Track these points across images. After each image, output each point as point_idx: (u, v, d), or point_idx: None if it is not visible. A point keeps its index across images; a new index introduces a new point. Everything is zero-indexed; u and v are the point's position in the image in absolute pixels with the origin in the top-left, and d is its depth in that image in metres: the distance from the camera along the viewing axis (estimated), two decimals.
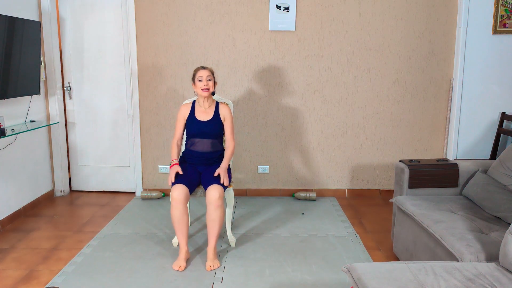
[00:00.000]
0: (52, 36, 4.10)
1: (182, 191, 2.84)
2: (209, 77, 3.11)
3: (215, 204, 2.81)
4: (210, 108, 3.18)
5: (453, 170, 2.90)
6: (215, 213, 2.83)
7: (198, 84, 3.11)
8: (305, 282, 2.63)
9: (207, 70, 3.12)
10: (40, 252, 3.07)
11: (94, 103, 4.30)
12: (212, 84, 3.14)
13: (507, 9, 3.92)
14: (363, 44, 4.07)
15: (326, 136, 4.21)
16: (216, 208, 2.82)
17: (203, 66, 3.31)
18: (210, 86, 3.12)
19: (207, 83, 3.10)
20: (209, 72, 3.13)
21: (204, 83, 3.09)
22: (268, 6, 4.00)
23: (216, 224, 2.86)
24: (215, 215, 2.84)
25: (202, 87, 3.09)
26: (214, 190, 2.82)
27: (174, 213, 2.85)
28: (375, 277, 1.74)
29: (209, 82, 3.12)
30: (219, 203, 2.82)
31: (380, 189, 4.32)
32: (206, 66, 3.18)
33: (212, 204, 2.81)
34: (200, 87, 3.10)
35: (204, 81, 3.09)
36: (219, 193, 2.82)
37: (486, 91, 4.06)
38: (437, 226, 2.33)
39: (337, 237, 3.31)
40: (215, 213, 2.83)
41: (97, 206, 4.04)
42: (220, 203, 2.82)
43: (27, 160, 3.86)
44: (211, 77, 3.13)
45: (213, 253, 2.89)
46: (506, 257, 1.83)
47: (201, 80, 3.09)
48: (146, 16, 4.04)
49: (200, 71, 3.12)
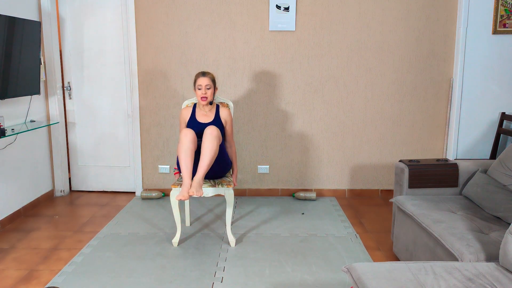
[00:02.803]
0: (52, 36, 4.10)
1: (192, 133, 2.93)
2: (208, 86, 3.10)
3: (212, 135, 2.89)
4: (211, 112, 3.23)
5: (453, 170, 2.90)
6: (208, 141, 2.89)
7: (197, 92, 3.12)
8: (305, 282, 2.63)
9: (207, 78, 3.10)
10: (40, 252, 3.07)
11: (94, 103, 4.30)
12: (211, 92, 3.14)
13: (507, 9, 3.92)
14: (363, 44, 4.07)
15: (326, 136, 4.21)
16: (212, 138, 2.89)
17: (204, 72, 3.18)
18: (209, 95, 3.12)
19: (205, 92, 3.10)
20: (209, 80, 3.11)
21: (203, 92, 3.10)
22: (268, 6, 4.00)
23: (207, 152, 2.89)
24: (208, 143, 2.89)
25: (201, 96, 3.10)
26: (212, 127, 2.93)
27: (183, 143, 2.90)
28: (375, 277, 1.74)
29: (208, 91, 3.11)
30: (215, 134, 2.90)
31: (380, 189, 4.32)
32: (207, 73, 3.15)
33: (208, 135, 2.89)
34: (199, 95, 3.11)
35: (203, 90, 3.10)
36: (216, 130, 2.92)
37: (486, 91, 4.06)
38: (437, 226, 2.33)
39: (337, 237, 3.31)
40: (208, 141, 2.89)
41: (97, 206, 4.04)
42: (216, 135, 2.91)
43: (27, 160, 3.86)
44: (210, 85, 3.12)
45: (198, 183, 2.85)
46: (506, 257, 1.83)
47: (200, 88, 3.10)
48: (146, 16, 4.04)
49: (200, 78, 3.11)
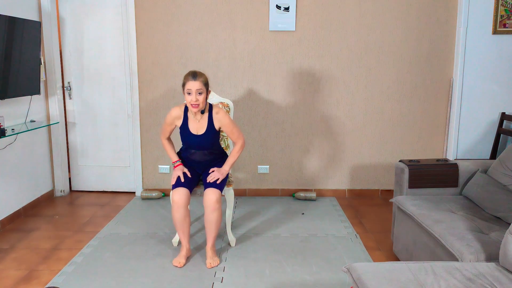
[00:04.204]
0: (52, 36, 4.10)
1: (184, 194, 2.81)
2: (199, 90, 2.66)
3: (212, 207, 2.80)
4: (203, 119, 2.83)
5: (453, 170, 2.90)
6: (212, 215, 2.82)
7: (187, 97, 2.68)
8: (305, 282, 2.63)
9: (198, 82, 2.65)
10: (40, 252, 3.07)
11: (94, 103, 4.30)
12: (204, 98, 2.70)
13: (507, 9, 3.91)
14: (363, 44, 4.07)
15: (326, 136, 4.21)
16: (213, 211, 2.81)
17: (195, 73, 2.67)
18: (201, 102, 2.68)
19: (196, 98, 2.66)
20: (200, 84, 2.66)
21: (193, 99, 2.66)
22: (268, 6, 4.00)
23: (213, 226, 2.86)
24: (212, 217, 2.83)
25: (191, 103, 2.68)
26: (211, 194, 2.79)
27: (176, 216, 2.84)
28: (375, 277, 1.74)
29: (200, 96, 2.67)
30: (216, 206, 2.80)
31: (380, 189, 4.32)
32: (198, 74, 2.69)
33: (209, 207, 2.80)
34: (189, 102, 2.69)
35: (193, 95, 2.66)
36: (216, 197, 2.79)
37: (486, 91, 4.06)
38: (437, 226, 2.33)
39: (337, 237, 3.31)
40: (212, 215, 2.82)
41: (97, 206, 4.04)
42: (217, 206, 2.80)
43: (27, 160, 3.86)
44: (202, 90, 2.67)
45: (212, 251, 2.89)
46: (506, 257, 1.83)
47: (190, 93, 2.66)
48: (146, 16, 4.04)
49: (190, 82, 2.66)
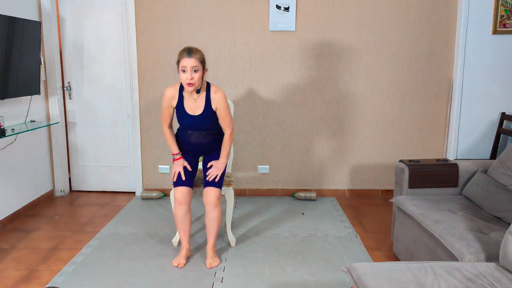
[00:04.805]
0: (52, 36, 4.10)
1: (185, 192, 2.81)
2: (195, 68, 2.52)
3: (212, 205, 2.80)
4: (200, 99, 2.69)
5: (453, 170, 2.90)
6: (213, 213, 2.83)
7: (181, 75, 2.54)
8: (305, 282, 2.63)
9: (193, 59, 2.51)
10: (40, 252, 3.07)
11: (94, 103, 4.30)
12: (199, 77, 2.55)
13: (507, 9, 3.91)
14: (363, 44, 4.07)
15: (326, 136, 4.21)
16: (214, 208, 2.81)
17: (190, 49, 2.53)
18: (196, 80, 2.54)
19: (192, 76, 2.52)
20: (196, 61, 2.52)
21: (188, 77, 2.52)
22: (268, 6, 4.00)
23: (214, 224, 2.86)
24: (213, 215, 2.83)
25: (186, 81, 2.53)
26: (211, 192, 2.80)
27: (177, 213, 2.84)
28: (375, 277, 1.74)
29: (195, 74, 2.53)
30: (216, 203, 2.81)
31: (380, 189, 4.32)
32: (194, 51, 2.54)
33: (210, 204, 2.81)
34: (184, 80, 2.54)
35: (188, 73, 2.52)
36: (216, 195, 2.79)
37: (486, 91, 4.06)
38: (437, 226, 2.33)
39: (337, 237, 3.31)
40: (212, 213, 2.83)
41: (97, 206, 4.04)
42: (217, 204, 2.81)
43: (27, 160, 3.86)
44: (198, 67, 2.53)
45: (212, 251, 2.89)
46: (506, 257, 1.83)
47: (184, 71, 2.53)
48: (146, 16, 4.04)
49: (184, 59, 2.51)
